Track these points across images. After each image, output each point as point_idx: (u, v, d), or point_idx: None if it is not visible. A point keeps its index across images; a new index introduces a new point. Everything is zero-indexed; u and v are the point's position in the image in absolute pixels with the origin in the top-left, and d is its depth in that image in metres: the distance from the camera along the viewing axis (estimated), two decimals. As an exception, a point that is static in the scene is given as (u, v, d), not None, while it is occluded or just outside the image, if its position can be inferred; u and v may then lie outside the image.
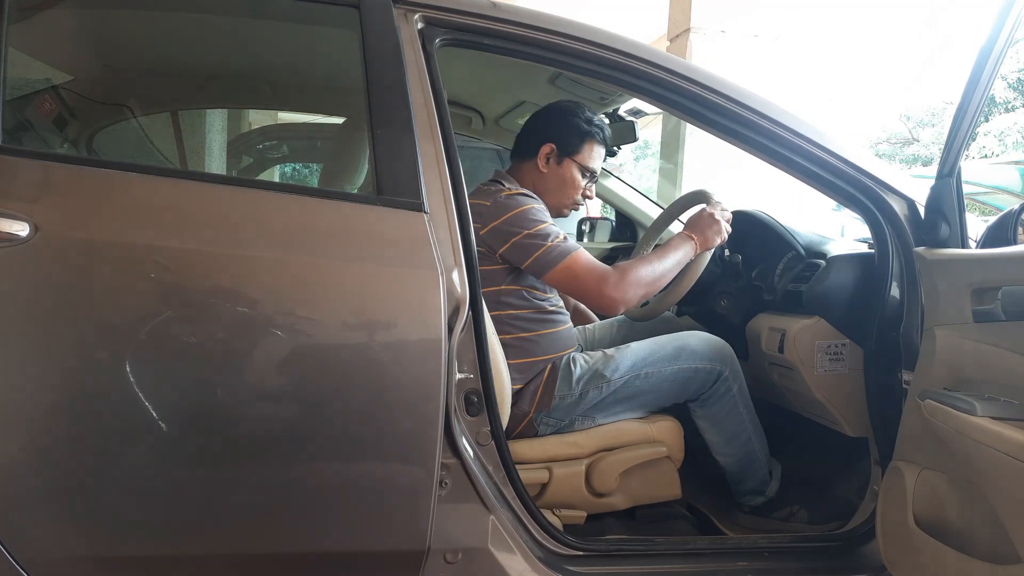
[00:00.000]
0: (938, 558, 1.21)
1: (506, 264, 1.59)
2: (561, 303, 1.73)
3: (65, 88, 1.84)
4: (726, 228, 1.67)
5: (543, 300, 1.65)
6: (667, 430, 1.63)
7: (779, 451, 1.85)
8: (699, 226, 1.66)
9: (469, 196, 1.63)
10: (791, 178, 1.53)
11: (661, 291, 1.80)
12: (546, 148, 1.70)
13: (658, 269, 1.57)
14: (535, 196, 1.63)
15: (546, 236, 1.53)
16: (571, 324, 1.75)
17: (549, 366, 1.63)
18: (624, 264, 1.56)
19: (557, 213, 1.73)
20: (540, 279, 1.58)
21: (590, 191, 1.75)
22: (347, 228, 1.21)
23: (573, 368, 1.62)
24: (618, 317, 2.04)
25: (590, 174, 1.73)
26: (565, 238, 1.55)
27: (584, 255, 1.54)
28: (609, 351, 1.66)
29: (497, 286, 1.59)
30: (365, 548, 1.24)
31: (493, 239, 1.56)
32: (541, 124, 1.73)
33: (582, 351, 1.72)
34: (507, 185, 1.67)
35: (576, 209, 1.78)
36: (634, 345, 1.66)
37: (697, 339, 1.67)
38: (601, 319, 2.10)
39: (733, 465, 1.71)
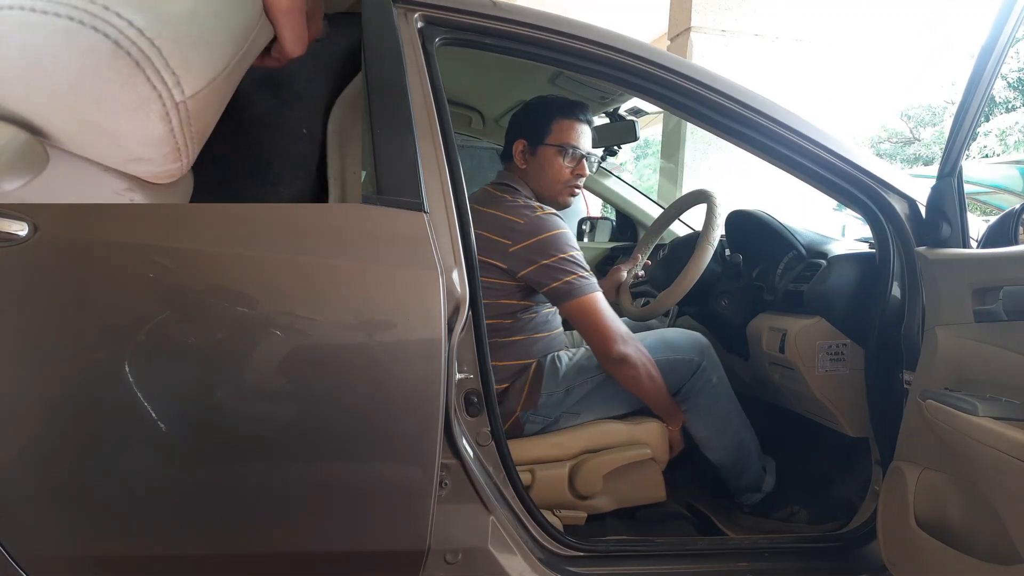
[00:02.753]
0: (939, 558, 1.20)
1: (524, 282, 1.58)
2: (555, 307, 1.73)
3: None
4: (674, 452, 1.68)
5: (541, 306, 1.66)
6: (652, 432, 1.63)
7: (780, 451, 1.85)
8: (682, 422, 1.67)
9: (486, 202, 1.62)
10: (792, 177, 1.53)
11: (661, 291, 1.80)
12: (518, 145, 1.70)
13: (659, 378, 1.58)
14: (559, 214, 1.61)
15: (575, 266, 1.54)
16: (562, 328, 1.74)
17: (534, 364, 1.63)
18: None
19: (557, 204, 1.70)
20: (554, 305, 1.59)
21: (584, 168, 1.69)
22: (347, 228, 1.21)
23: (559, 365, 1.62)
24: None
25: (571, 150, 1.67)
26: (589, 275, 1.55)
27: (604, 299, 1.55)
28: None
29: (506, 299, 1.59)
30: (365, 548, 1.24)
31: (518, 259, 1.54)
32: (511, 127, 1.74)
33: (567, 348, 1.72)
34: (525, 195, 1.66)
35: (575, 194, 1.73)
36: None
37: (675, 333, 1.70)
38: None
39: (726, 459, 1.71)
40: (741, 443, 1.71)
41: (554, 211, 1.62)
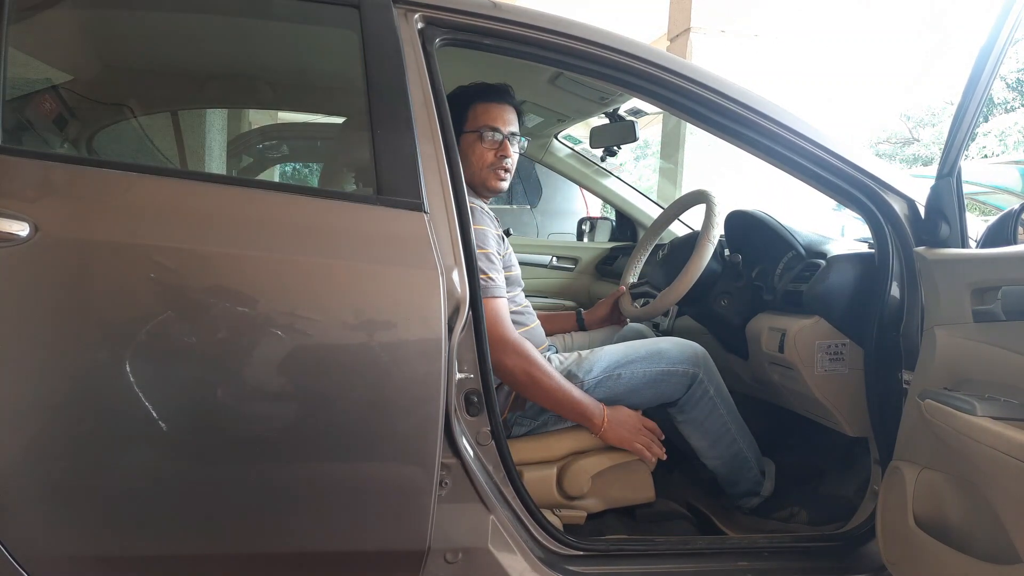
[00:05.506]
0: (938, 558, 1.21)
1: None
2: (527, 303, 1.72)
3: (65, 88, 1.84)
4: (642, 446, 1.54)
5: (508, 299, 1.61)
6: None
7: (778, 451, 1.85)
8: (619, 418, 1.54)
9: None
10: (791, 178, 1.53)
11: (661, 291, 1.80)
12: None
13: (549, 384, 1.48)
14: (487, 211, 1.57)
15: (480, 270, 1.43)
16: (539, 323, 1.73)
17: None
18: (535, 352, 1.50)
19: (490, 190, 1.66)
20: None
21: (507, 149, 1.63)
22: (347, 228, 1.21)
23: None
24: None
25: (491, 132, 1.61)
26: (493, 279, 1.49)
27: (502, 306, 1.48)
28: (584, 352, 1.65)
29: None
30: (365, 548, 1.24)
31: None
32: None
33: (557, 352, 1.71)
34: None
35: (504, 177, 1.66)
36: (608, 347, 1.66)
37: (670, 343, 1.67)
38: (581, 328, 2.08)
39: (722, 468, 1.71)
40: (738, 453, 1.70)
41: (482, 205, 1.57)
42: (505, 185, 1.67)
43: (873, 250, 1.54)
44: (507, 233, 1.73)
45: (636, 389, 1.61)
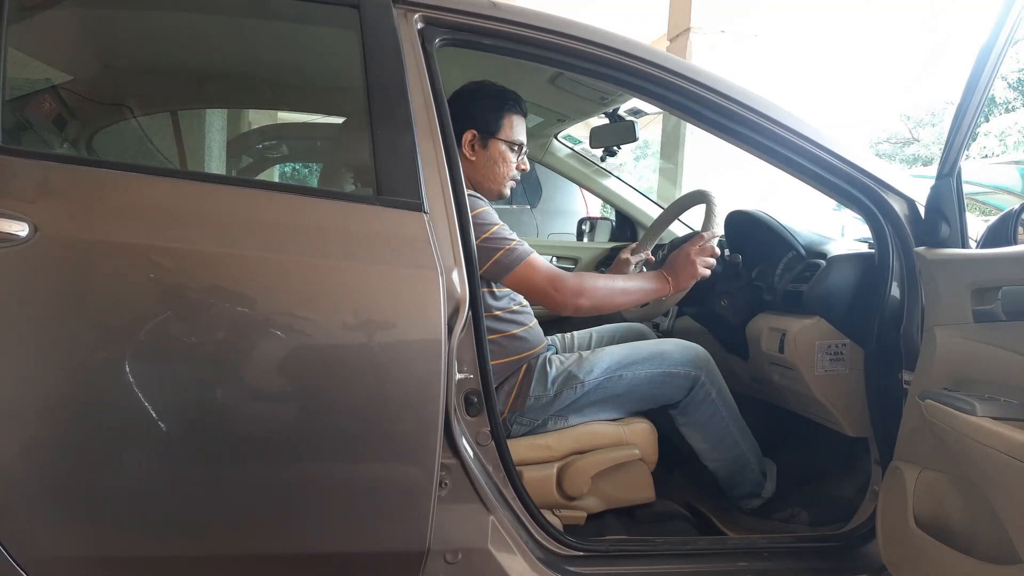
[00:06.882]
0: (938, 558, 1.20)
1: None
2: (527, 302, 1.72)
3: (65, 88, 1.84)
4: (703, 270, 1.63)
5: (506, 298, 1.62)
6: (640, 432, 1.62)
7: (779, 451, 1.85)
8: (674, 267, 1.63)
9: None
10: (792, 178, 1.53)
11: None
12: (468, 135, 1.64)
13: (616, 288, 1.58)
14: (480, 196, 1.59)
15: (503, 240, 1.51)
16: (536, 323, 1.72)
17: (524, 367, 1.61)
18: (586, 273, 1.57)
19: (499, 195, 1.70)
20: (497, 282, 1.56)
21: (524, 163, 1.71)
22: (347, 228, 1.21)
23: (549, 369, 1.61)
24: (601, 326, 2.02)
25: (518, 147, 1.68)
26: (520, 241, 1.54)
27: (539, 258, 1.53)
28: (584, 353, 1.65)
29: None
30: (365, 548, 1.24)
31: None
32: (455, 112, 1.55)
33: (557, 352, 1.71)
34: None
35: (513, 186, 1.73)
36: (609, 348, 1.66)
37: (672, 345, 1.67)
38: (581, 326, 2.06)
39: (723, 470, 1.71)
40: (739, 455, 1.70)
41: (473, 192, 1.58)
42: (508, 194, 1.74)
43: (873, 250, 1.54)
44: None
45: (637, 390, 1.61)
